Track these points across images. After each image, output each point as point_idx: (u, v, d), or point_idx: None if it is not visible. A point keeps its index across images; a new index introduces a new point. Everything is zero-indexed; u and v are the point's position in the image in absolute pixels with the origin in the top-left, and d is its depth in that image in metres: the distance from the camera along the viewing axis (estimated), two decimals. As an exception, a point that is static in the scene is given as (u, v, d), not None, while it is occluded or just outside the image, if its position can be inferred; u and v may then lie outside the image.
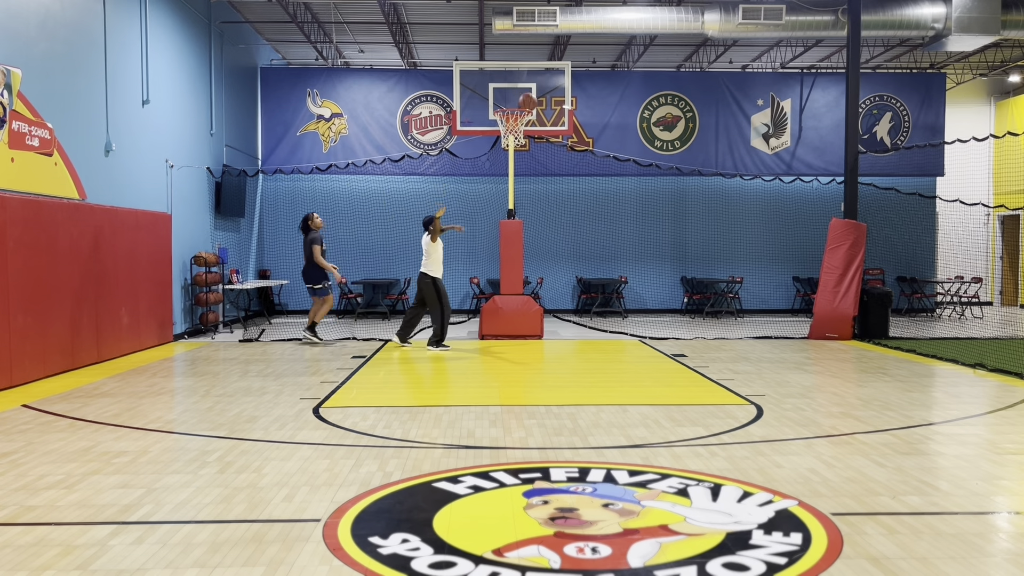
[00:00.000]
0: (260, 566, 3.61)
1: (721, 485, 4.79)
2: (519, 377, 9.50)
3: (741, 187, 18.07)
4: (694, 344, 12.21)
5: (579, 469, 5.15)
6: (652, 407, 7.23)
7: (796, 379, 8.89)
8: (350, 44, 17.45)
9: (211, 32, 14.38)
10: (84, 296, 9.64)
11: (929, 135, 18.05)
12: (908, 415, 6.92)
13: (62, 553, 3.76)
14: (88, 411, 7.04)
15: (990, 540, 3.97)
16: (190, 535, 4.00)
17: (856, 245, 12.78)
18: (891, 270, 18.21)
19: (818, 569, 3.56)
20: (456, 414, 6.93)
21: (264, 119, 17.43)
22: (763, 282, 18.15)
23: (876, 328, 12.82)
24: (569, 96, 14.24)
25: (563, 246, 18.02)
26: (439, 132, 17.68)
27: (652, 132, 17.86)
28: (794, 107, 18.06)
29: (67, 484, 4.86)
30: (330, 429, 6.37)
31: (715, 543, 3.84)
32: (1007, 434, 6.23)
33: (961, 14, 14.08)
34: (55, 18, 9.44)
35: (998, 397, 7.84)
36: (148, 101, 11.90)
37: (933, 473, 5.12)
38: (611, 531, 4.00)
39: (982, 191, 19.28)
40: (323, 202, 17.68)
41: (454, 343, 12.19)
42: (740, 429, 6.37)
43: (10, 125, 8.39)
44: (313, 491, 4.71)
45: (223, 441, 5.99)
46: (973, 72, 19.23)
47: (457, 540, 3.88)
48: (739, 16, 14.20)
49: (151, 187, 12.03)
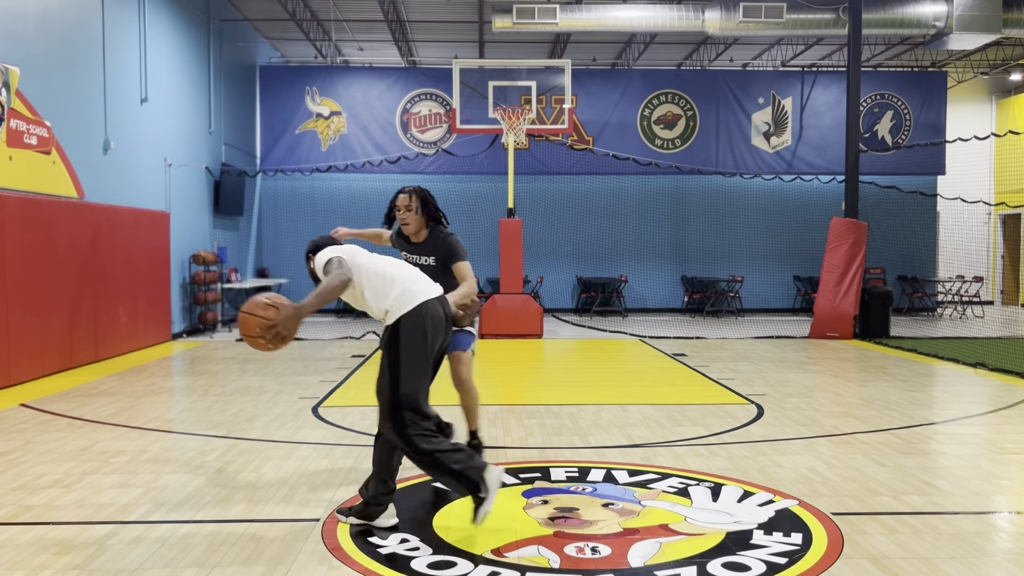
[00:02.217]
0: (259, 566, 3.59)
1: (721, 485, 4.78)
2: (519, 376, 9.48)
3: (742, 186, 18.05)
4: (694, 343, 12.20)
5: (579, 469, 5.13)
6: (652, 406, 7.22)
7: (797, 378, 8.88)
8: (349, 42, 17.43)
9: (210, 30, 14.36)
10: (82, 295, 9.62)
11: (930, 134, 18.03)
12: (909, 415, 6.91)
13: (60, 552, 3.75)
14: (86, 410, 7.03)
15: (991, 540, 3.95)
16: (189, 534, 3.98)
17: (857, 244, 12.76)
18: (892, 269, 18.19)
19: (818, 569, 3.55)
20: (455, 414, 6.91)
21: (263, 117, 17.41)
22: (764, 281, 18.13)
23: (877, 327, 12.81)
24: (569, 94, 14.22)
25: (563, 245, 18.01)
26: (439, 130, 17.65)
27: (652, 130, 17.84)
28: (795, 105, 18.04)
29: (65, 483, 4.85)
30: (329, 428, 6.36)
31: (715, 543, 3.83)
32: (1008, 434, 6.21)
33: (962, 12, 14.05)
34: (53, 16, 9.42)
35: (999, 397, 7.82)
36: (147, 99, 11.88)
37: (934, 473, 5.10)
38: (611, 531, 3.99)
39: (983, 190, 19.26)
40: (322, 201, 17.67)
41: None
42: (740, 429, 6.36)
43: (8, 123, 8.37)
44: (312, 490, 4.70)
45: (222, 440, 5.97)
46: (974, 71, 19.20)
47: (457, 540, 3.87)
48: (740, 14, 14.18)
49: (150, 185, 12.01)
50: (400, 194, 4.98)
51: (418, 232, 5.01)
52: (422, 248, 5.04)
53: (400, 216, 4.97)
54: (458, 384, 5.12)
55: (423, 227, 5.01)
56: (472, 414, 5.23)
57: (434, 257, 4.99)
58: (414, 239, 5.04)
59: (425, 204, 4.96)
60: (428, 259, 5.00)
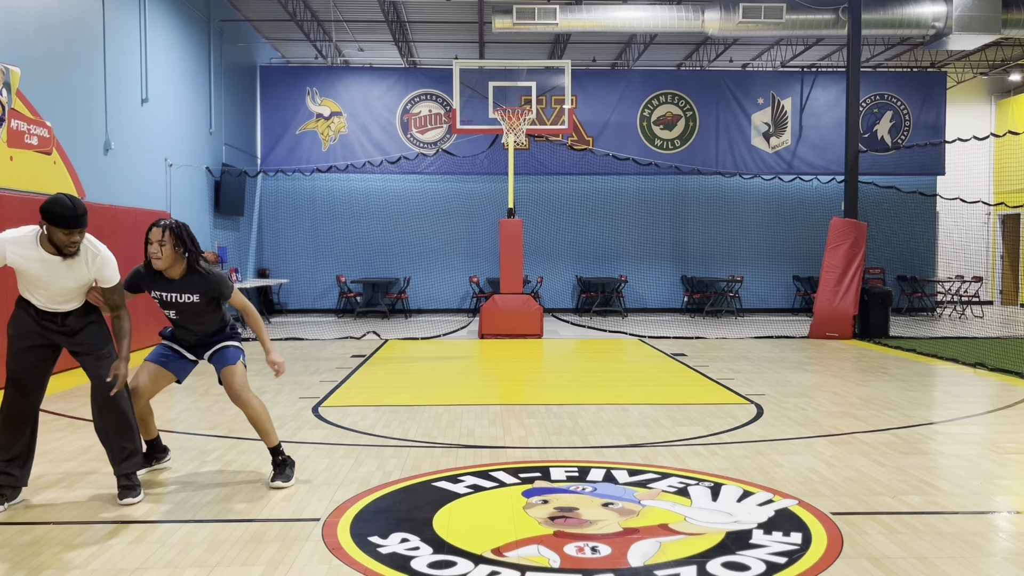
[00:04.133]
0: (259, 565, 3.60)
1: (721, 484, 4.78)
2: (519, 376, 9.49)
3: (741, 186, 18.05)
4: (694, 343, 12.20)
5: (579, 468, 5.14)
6: (652, 406, 7.22)
7: (796, 378, 8.88)
8: (349, 43, 17.43)
9: (210, 30, 14.36)
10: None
11: (930, 134, 18.04)
12: (908, 414, 6.91)
13: (61, 552, 3.75)
14: (87, 411, 7.00)
15: (990, 539, 3.96)
16: (189, 534, 3.99)
17: (856, 244, 12.77)
18: (891, 269, 18.19)
19: (818, 568, 3.55)
20: (456, 413, 6.92)
21: (263, 117, 17.42)
22: (763, 281, 18.14)
23: (876, 327, 12.81)
24: (569, 95, 14.22)
25: (563, 245, 18.01)
26: (439, 131, 17.66)
27: (652, 131, 17.84)
28: (794, 106, 18.04)
29: (66, 484, 4.86)
30: (329, 428, 6.36)
31: (715, 542, 3.84)
32: (1007, 433, 6.22)
33: (962, 13, 14.06)
34: (54, 16, 9.43)
35: (998, 396, 7.83)
36: (147, 99, 11.88)
37: (933, 472, 5.11)
38: (611, 530, 3.99)
39: (982, 190, 19.25)
40: (322, 200, 17.68)
41: (455, 342, 12.18)
42: (740, 428, 6.36)
43: (9, 123, 8.38)
44: (312, 490, 4.70)
45: (222, 440, 5.98)
46: (974, 71, 19.21)
47: (457, 539, 3.87)
48: (739, 15, 14.19)
49: (150, 186, 12.01)
50: (153, 227, 4.69)
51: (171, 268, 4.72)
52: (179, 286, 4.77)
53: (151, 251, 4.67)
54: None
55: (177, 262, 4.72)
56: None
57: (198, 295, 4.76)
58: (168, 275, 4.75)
59: (180, 238, 4.67)
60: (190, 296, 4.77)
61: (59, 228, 4.20)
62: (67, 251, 4.29)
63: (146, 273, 4.83)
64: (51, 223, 4.19)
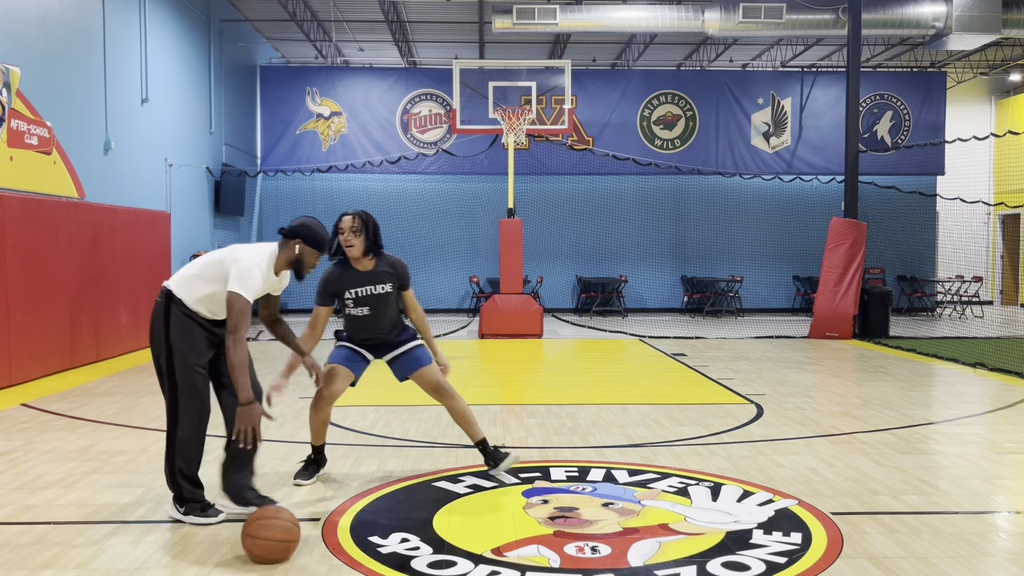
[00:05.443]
0: (259, 565, 3.59)
1: (721, 484, 4.78)
2: (519, 376, 9.49)
3: (741, 186, 18.06)
4: (694, 343, 12.20)
5: (579, 468, 5.14)
6: (652, 406, 7.23)
7: (796, 378, 8.89)
8: (350, 43, 17.44)
9: (210, 30, 14.37)
10: (83, 295, 9.62)
11: (930, 134, 18.04)
12: (908, 414, 6.92)
13: (61, 552, 3.75)
14: (87, 410, 7.03)
15: (990, 539, 3.96)
16: (189, 534, 3.99)
17: (856, 244, 12.77)
18: (891, 269, 18.20)
19: (818, 568, 3.55)
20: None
21: (263, 117, 17.42)
22: (763, 281, 18.14)
23: (876, 327, 12.81)
24: (569, 95, 14.23)
25: (563, 245, 18.01)
26: (439, 131, 17.66)
27: (652, 131, 17.85)
28: (794, 106, 18.05)
29: (66, 483, 4.85)
30: (329, 428, 6.35)
31: (715, 542, 3.84)
32: (1007, 433, 6.22)
33: (962, 13, 14.06)
34: (54, 16, 9.43)
35: (998, 396, 7.83)
36: (147, 99, 11.89)
37: (933, 472, 5.11)
38: (611, 530, 4.00)
39: (982, 190, 19.25)
40: (322, 201, 17.67)
41: (455, 342, 12.17)
42: (740, 428, 6.36)
43: (9, 123, 8.38)
44: (312, 490, 4.71)
45: (222, 440, 5.96)
46: (974, 71, 19.21)
47: (457, 539, 3.87)
48: (739, 15, 14.19)
49: (150, 186, 12.02)
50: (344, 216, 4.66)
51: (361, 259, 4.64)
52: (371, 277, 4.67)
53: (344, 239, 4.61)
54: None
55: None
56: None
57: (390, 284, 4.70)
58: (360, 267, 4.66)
59: (367, 226, 4.61)
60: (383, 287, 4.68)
61: (318, 251, 4.23)
62: (308, 272, 4.29)
63: (337, 275, 4.68)
64: (311, 246, 4.22)
